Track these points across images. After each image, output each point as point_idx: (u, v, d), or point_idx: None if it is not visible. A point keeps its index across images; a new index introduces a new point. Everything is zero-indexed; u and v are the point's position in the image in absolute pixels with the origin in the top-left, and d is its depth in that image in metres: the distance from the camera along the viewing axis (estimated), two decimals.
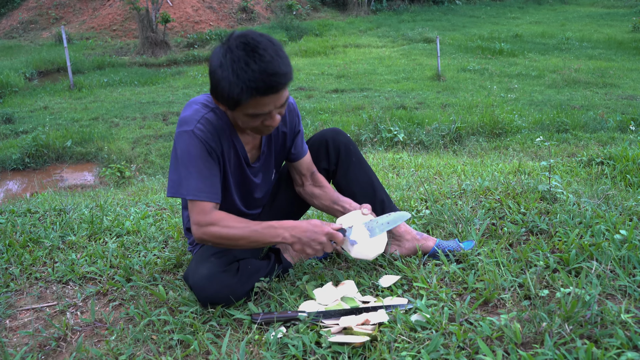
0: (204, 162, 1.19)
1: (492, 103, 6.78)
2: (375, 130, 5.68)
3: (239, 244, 1.19)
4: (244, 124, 1.16)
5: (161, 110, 7.55)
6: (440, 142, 5.28)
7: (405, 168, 3.29)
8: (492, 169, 2.87)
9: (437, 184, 2.42)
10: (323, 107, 7.15)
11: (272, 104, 1.10)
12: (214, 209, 1.20)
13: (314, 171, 1.50)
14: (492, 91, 7.81)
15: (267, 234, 1.18)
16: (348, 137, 1.51)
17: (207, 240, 1.20)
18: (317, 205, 1.48)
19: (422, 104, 7.23)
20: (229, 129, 1.26)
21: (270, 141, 1.38)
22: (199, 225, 1.18)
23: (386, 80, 9.03)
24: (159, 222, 2.17)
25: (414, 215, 1.86)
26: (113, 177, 4.85)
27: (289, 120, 1.40)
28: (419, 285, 1.27)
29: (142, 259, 1.66)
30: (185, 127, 1.19)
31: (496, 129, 5.59)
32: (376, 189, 1.49)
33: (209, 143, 1.19)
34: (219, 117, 1.23)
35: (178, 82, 9.61)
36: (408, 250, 1.46)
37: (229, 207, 1.39)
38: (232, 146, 1.28)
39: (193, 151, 1.18)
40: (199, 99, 1.26)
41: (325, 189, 1.46)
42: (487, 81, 8.65)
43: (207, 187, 1.19)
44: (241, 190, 1.39)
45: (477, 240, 1.49)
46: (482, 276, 1.27)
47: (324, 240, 1.19)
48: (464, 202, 1.90)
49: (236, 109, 1.12)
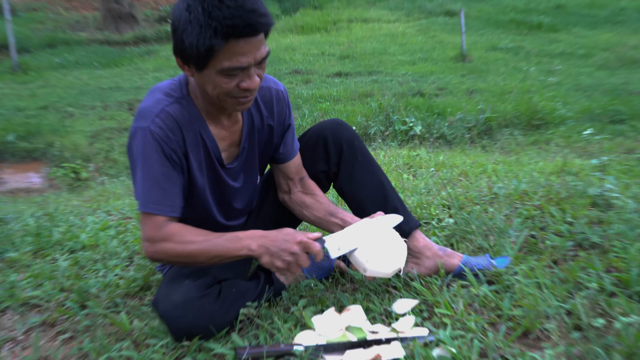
0: (160, 168, 1.20)
1: (529, 88, 6.80)
2: (387, 122, 5.68)
3: (198, 260, 1.21)
4: (215, 89, 1.16)
5: (126, 98, 7.56)
6: (466, 136, 5.28)
7: (423, 168, 3.28)
8: (530, 169, 2.87)
9: (462, 187, 2.42)
10: (323, 94, 7.15)
11: (250, 54, 1.10)
12: (169, 222, 1.22)
13: (304, 176, 1.49)
14: (529, 74, 7.84)
15: (230, 246, 1.19)
16: (352, 131, 1.50)
17: (160, 259, 1.22)
18: (308, 218, 1.48)
19: (444, 90, 7.24)
20: (197, 122, 1.26)
21: (253, 135, 1.38)
22: (151, 241, 1.20)
23: (400, 61, 9.05)
24: (123, 234, 2.16)
25: (434, 226, 1.84)
26: (66, 179, 4.84)
27: (276, 110, 1.39)
28: (441, 312, 1.26)
29: (100, 280, 1.65)
30: (141, 122, 1.20)
31: (534, 119, 5.60)
32: (388, 195, 1.48)
33: (168, 144, 1.20)
34: (184, 108, 1.23)
35: (147, 64, 9.63)
36: (428, 268, 1.45)
37: (205, 219, 1.38)
38: (200, 143, 1.28)
39: (148, 153, 1.19)
40: (163, 85, 1.26)
41: (318, 198, 1.46)
42: (522, 62, 8.67)
43: (163, 198, 1.20)
44: (217, 198, 1.39)
45: (512, 257, 1.48)
46: (520, 301, 1.26)
47: (296, 250, 1.18)
48: (496, 209, 1.89)
49: (207, 66, 1.12)
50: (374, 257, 1.24)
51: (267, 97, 1.38)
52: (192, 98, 1.25)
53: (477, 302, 1.30)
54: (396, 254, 1.25)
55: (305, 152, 1.50)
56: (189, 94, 1.26)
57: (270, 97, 1.39)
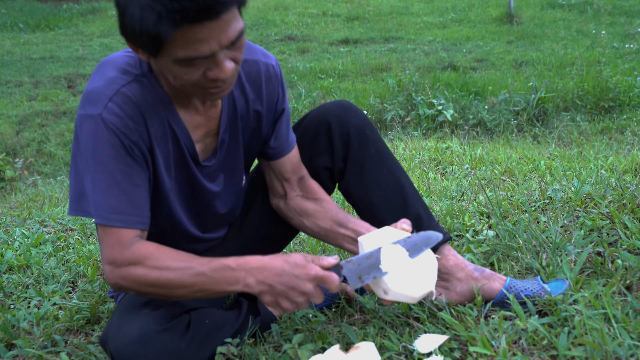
0: (119, 167, 1.19)
1: (598, 59, 6.79)
2: (408, 105, 5.70)
3: (176, 294, 1.19)
4: (177, 79, 1.15)
5: (65, 72, 7.58)
6: (512, 123, 5.30)
7: (455, 164, 3.29)
8: (596, 166, 2.88)
9: (506, 189, 2.43)
10: (325, 67, 7.17)
11: (212, 39, 1.07)
12: (138, 240, 1.21)
13: (304, 175, 1.50)
14: (599, 39, 7.83)
15: (220, 278, 1.17)
16: (363, 116, 1.51)
17: (127, 287, 1.20)
18: (310, 229, 1.49)
19: (484, 61, 7.26)
20: (163, 107, 1.26)
21: (235, 124, 1.38)
22: (115, 264, 1.18)
23: (426, 24, 9.06)
24: (63, 251, 2.17)
25: (469, 240, 1.85)
26: None
27: (266, 92, 1.40)
28: (478, 352, 1.27)
29: (33, 312, 1.66)
30: (90, 108, 1.19)
31: (604, 100, 5.60)
32: (408, 199, 1.49)
33: (128, 136, 1.20)
34: (146, 89, 1.23)
35: (92, 27, 9.64)
36: (460, 294, 1.47)
37: (172, 230, 1.39)
38: (169, 133, 1.28)
39: (101, 149, 1.18)
40: (116, 58, 1.26)
41: (322, 203, 1.47)
42: (589, 23, 8.67)
43: (127, 206, 1.19)
44: (189, 204, 1.40)
45: (572, 280, 1.49)
46: (582, 338, 1.27)
47: (310, 289, 1.16)
48: (551, 219, 1.90)
49: (160, 53, 1.10)
50: (401, 277, 1.24)
51: (254, 74, 1.38)
52: (155, 76, 1.25)
53: (525, 338, 1.31)
54: (427, 273, 1.26)
55: (302, 145, 1.51)
56: (151, 71, 1.25)
57: (257, 74, 1.38)
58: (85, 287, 1.83)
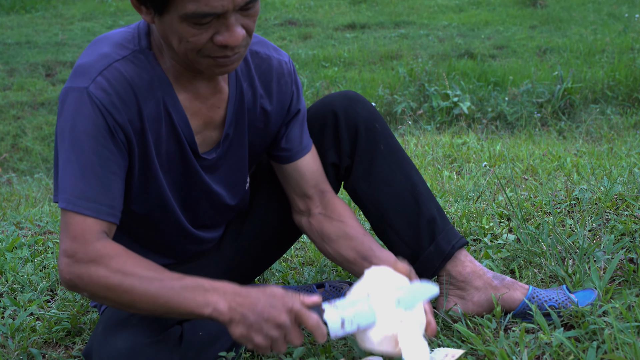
0: (97, 148, 1.18)
1: (631, 45, 6.76)
2: (421, 96, 5.70)
3: (137, 305, 1.17)
4: (182, 44, 1.15)
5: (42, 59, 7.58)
6: (536, 116, 5.29)
7: (472, 161, 3.29)
8: (629, 163, 2.87)
9: (528, 189, 2.42)
10: (329, 55, 7.17)
11: None
12: (105, 236, 1.19)
13: (327, 190, 1.49)
14: (633, 23, 7.80)
15: (189, 298, 1.15)
16: (372, 108, 1.52)
17: (81, 287, 1.17)
18: (332, 256, 1.49)
19: (504, 48, 7.25)
20: (161, 87, 1.26)
21: (242, 118, 1.38)
22: (73, 258, 1.16)
23: (440, 7, 9.05)
24: (41, 255, 2.17)
25: (487, 244, 1.85)
26: None
27: (276, 90, 1.40)
28: None
29: (7, 322, 1.66)
30: (77, 80, 1.19)
31: (638, 91, 5.59)
32: (421, 199, 1.49)
33: (114, 116, 1.19)
34: (143, 68, 1.23)
35: (72, 9, 9.65)
36: (477, 304, 1.47)
37: (165, 222, 1.40)
38: (164, 117, 1.28)
39: (82, 126, 1.17)
40: (113, 35, 1.26)
41: (347, 229, 1.45)
42: (622, 5, 8.65)
43: (98, 194, 1.18)
44: (182, 193, 1.40)
45: (601, 290, 1.49)
46: (612, 353, 1.27)
47: (285, 320, 1.14)
48: (578, 222, 1.90)
49: (167, 8, 1.10)
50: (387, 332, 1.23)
51: (265, 69, 1.39)
52: (155, 54, 1.25)
53: (549, 353, 1.31)
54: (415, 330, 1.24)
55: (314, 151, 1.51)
56: (151, 48, 1.25)
57: (268, 69, 1.39)
58: (65, 295, 1.84)
